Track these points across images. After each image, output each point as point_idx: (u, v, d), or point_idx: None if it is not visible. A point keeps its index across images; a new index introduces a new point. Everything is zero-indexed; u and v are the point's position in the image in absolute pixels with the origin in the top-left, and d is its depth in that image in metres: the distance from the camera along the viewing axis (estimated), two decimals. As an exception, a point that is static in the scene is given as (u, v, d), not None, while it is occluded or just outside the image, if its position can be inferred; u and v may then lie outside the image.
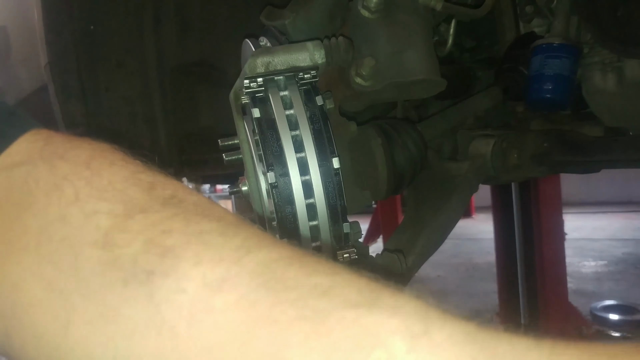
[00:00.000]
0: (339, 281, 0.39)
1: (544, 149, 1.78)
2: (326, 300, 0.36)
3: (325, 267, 0.41)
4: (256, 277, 0.38)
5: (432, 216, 1.52)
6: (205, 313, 0.37)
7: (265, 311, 0.36)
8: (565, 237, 4.86)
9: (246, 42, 1.05)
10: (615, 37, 1.47)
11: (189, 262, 0.39)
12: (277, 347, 0.35)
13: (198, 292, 0.38)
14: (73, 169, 0.47)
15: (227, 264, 0.39)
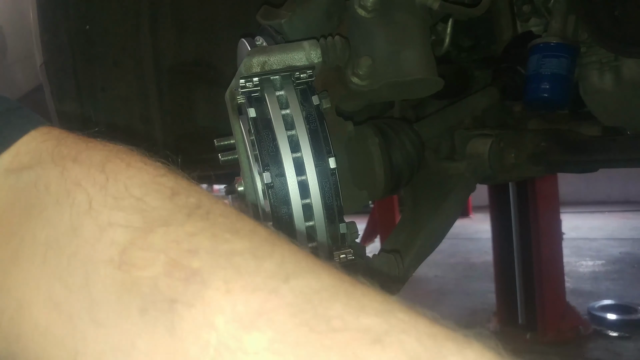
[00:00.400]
0: (394, 324, 0.34)
1: (541, 148, 1.78)
2: (379, 350, 0.31)
3: (376, 303, 0.36)
4: (296, 314, 0.32)
5: (430, 216, 1.52)
6: (235, 354, 0.31)
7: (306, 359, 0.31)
8: (562, 236, 4.87)
9: (242, 41, 1.05)
10: (613, 36, 1.47)
11: (218, 291, 0.34)
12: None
13: (228, 328, 0.32)
14: (86, 172, 0.43)
15: (263, 295, 0.33)
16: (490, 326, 4.85)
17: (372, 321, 0.33)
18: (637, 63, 1.56)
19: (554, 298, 4.54)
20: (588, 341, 4.39)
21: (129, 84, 1.72)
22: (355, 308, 0.34)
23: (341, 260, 1.02)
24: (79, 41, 1.59)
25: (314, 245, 0.99)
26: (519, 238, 4.69)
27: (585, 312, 4.84)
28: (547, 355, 4.27)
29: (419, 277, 6.44)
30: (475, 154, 1.67)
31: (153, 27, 1.72)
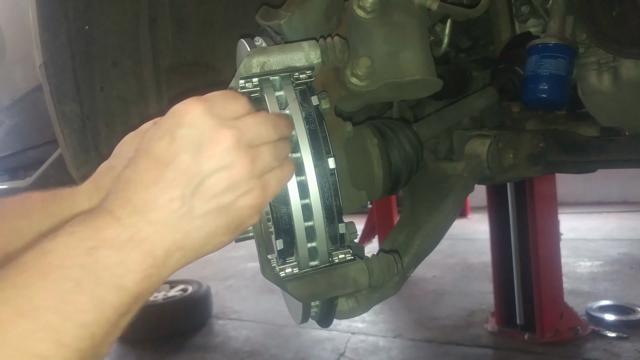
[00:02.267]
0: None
1: (539, 149, 1.78)
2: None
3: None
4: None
5: (428, 216, 1.52)
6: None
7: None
8: (560, 237, 4.87)
9: (241, 42, 1.05)
10: (611, 37, 1.47)
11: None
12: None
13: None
14: None
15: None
16: (489, 326, 4.85)
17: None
18: (635, 64, 1.57)
19: (552, 298, 4.54)
20: (586, 342, 4.40)
21: (128, 84, 1.72)
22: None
23: (340, 260, 1.03)
24: (79, 41, 1.59)
25: (313, 246, 1.00)
26: (517, 238, 4.69)
27: (583, 312, 4.85)
28: (545, 356, 4.27)
29: (418, 278, 6.45)
30: (474, 155, 1.68)
31: (152, 28, 1.72)
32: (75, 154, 1.65)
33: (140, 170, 0.72)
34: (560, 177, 3.66)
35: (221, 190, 0.73)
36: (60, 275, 0.60)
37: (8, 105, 2.67)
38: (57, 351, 0.56)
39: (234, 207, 0.75)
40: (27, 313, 0.56)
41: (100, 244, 0.65)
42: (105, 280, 0.63)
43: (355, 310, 1.32)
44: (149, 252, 0.68)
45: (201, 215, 0.72)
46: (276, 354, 4.75)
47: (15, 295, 0.57)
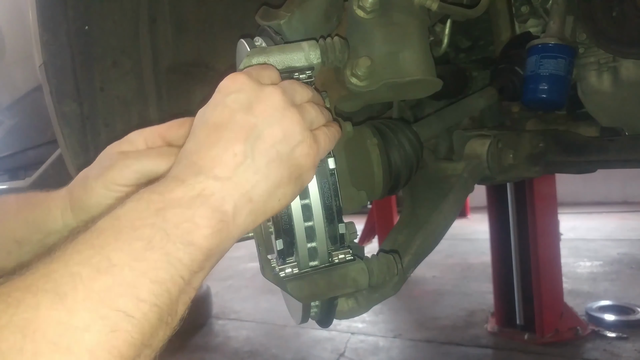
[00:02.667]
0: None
1: (539, 149, 1.78)
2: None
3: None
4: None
5: (428, 216, 1.52)
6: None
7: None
8: (560, 237, 4.88)
9: (241, 42, 1.05)
10: (611, 37, 1.48)
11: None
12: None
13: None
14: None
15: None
16: (488, 327, 4.85)
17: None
18: (635, 64, 1.57)
19: (552, 299, 4.55)
20: (586, 342, 4.40)
21: (128, 84, 1.72)
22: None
23: (340, 261, 1.03)
24: (78, 41, 1.59)
25: (313, 246, 1.00)
26: (516, 239, 4.70)
27: (583, 312, 4.85)
28: (544, 356, 4.28)
29: (417, 278, 6.45)
30: (474, 155, 1.68)
31: (152, 28, 1.72)
32: (75, 154, 1.65)
33: (200, 139, 0.76)
34: (560, 177, 3.67)
35: (278, 140, 0.77)
36: (131, 235, 0.63)
37: (8, 106, 2.67)
38: (136, 306, 0.58)
39: (292, 157, 0.79)
40: (104, 270, 0.58)
41: (167, 205, 0.67)
42: (174, 237, 0.65)
43: (355, 311, 1.32)
44: (217, 207, 0.71)
45: (264, 165, 0.76)
46: (276, 354, 4.75)
47: (93, 255, 0.59)
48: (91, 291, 0.56)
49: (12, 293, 0.54)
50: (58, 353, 0.51)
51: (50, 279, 0.56)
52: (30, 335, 0.51)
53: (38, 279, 0.56)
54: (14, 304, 0.52)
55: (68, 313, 0.54)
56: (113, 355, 0.55)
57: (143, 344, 0.59)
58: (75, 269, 0.57)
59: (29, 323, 0.51)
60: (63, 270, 0.57)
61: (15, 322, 0.51)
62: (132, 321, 0.57)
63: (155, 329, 0.61)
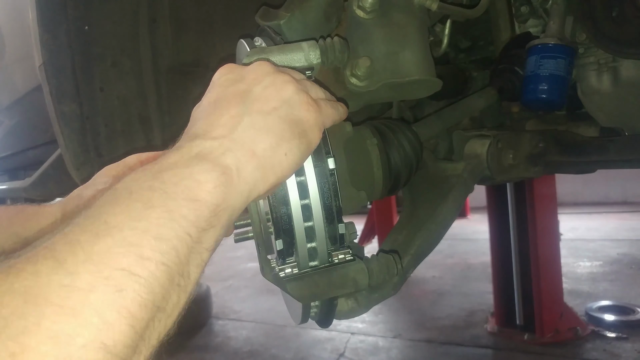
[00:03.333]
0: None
1: (539, 149, 1.78)
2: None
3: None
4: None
5: (428, 217, 1.52)
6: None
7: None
8: (560, 237, 4.87)
9: (241, 42, 1.05)
10: (611, 37, 1.48)
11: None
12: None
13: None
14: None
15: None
16: (488, 327, 4.85)
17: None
18: (635, 64, 1.57)
19: (552, 299, 4.55)
20: (586, 342, 4.40)
21: (128, 84, 1.72)
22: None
23: (340, 261, 1.03)
24: (78, 42, 1.59)
25: (313, 246, 1.00)
26: (516, 239, 4.70)
27: (582, 312, 4.85)
28: (544, 356, 4.27)
29: (417, 278, 6.45)
30: (473, 155, 1.68)
31: (151, 28, 1.72)
32: (75, 154, 1.65)
33: (195, 116, 0.79)
34: (560, 177, 3.67)
35: (273, 97, 0.79)
36: (129, 199, 0.61)
37: (8, 106, 2.67)
38: (140, 264, 0.56)
39: (291, 113, 0.80)
40: (103, 233, 0.57)
41: (165, 168, 0.66)
42: (175, 194, 0.64)
43: (355, 311, 1.32)
44: (217, 162, 0.69)
45: (262, 120, 0.76)
46: (276, 354, 4.75)
47: (91, 222, 0.58)
48: (91, 253, 0.55)
49: (14, 264, 0.53)
50: (63, 315, 0.50)
51: (49, 249, 0.55)
52: (32, 300, 0.49)
53: (39, 251, 0.55)
54: (13, 273, 0.51)
55: (69, 275, 0.52)
56: (122, 315, 0.53)
57: (155, 306, 0.57)
58: (73, 237, 0.56)
59: (30, 289, 0.50)
60: (62, 240, 0.56)
61: (16, 288, 0.50)
62: (139, 280, 0.56)
63: (166, 290, 0.59)
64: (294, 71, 0.89)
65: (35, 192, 2.18)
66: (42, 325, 0.48)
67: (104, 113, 1.69)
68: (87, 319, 0.51)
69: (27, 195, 2.28)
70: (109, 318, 0.52)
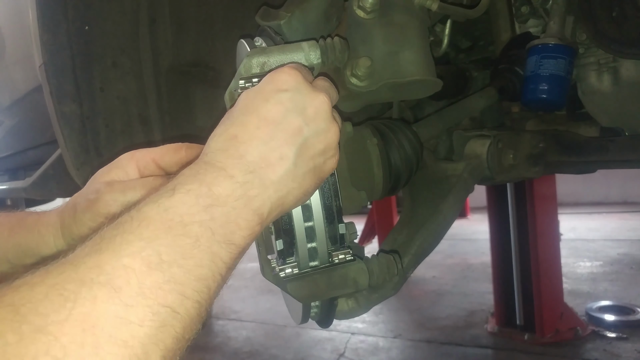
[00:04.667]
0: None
1: (539, 149, 1.78)
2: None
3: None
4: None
5: (428, 217, 1.52)
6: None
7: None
8: (560, 237, 4.87)
9: (241, 42, 1.05)
10: (611, 37, 1.48)
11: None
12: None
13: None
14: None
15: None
16: (488, 327, 4.85)
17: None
18: (635, 64, 1.57)
19: (552, 299, 4.55)
20: (586, 342, 4.40)
21: (128, 84, 1.72)
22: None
23: (340, 261, 1.03)
24: (78, 42, 1.59)
25: (313, 246, 1.00)
26: (516, 239, 4.70)
27: (583, 313, 4.85)
28: (544, 356, 4.27)
29: (417, 278, 6.45)
30: (474, 155, 1.68)
31: (152, 28, 1.72)
32: (75, 154, 1.65)
33: (250, 127, 0.77)
34: (560, 177, 3.66)
35: (319, 151, 0.80)
36: (181, 231, 0.64)
37: (8, 106, 2.67)
38: (181, 303, 0.61)
39: (323, 169, 0.83)
40: (155, 266, 0.60)
41: (215, 202, 0.69)
42: (219, 237, 0.67)
43: (355, 311, 1.32)
44: (257, 210, 0.73)
45: (301, 174, 0.79)
46: (276, 354, 4.75)
47: (143, 247, 0.61)
48: (144, 287, 0.58)
49: (66, 285, 0.55)
50: (116, 346, 0.54)
51: (103, 271, 0.57)
52: (89, 329, 0.53)
53: (90, 269, 0.57)
54: (71, 298, 0.54)
55: (124, 308, 0.56)
56: (160, 349, 0.58)
57: (183, 337, 0.61)
58: (127, 262, 0.59)
59: (88, 317, 0.53)
60: (115, 263, 0.58)
61: (75, 316, 0.53)
62: (177, 317, 0.60)
63: (194, 323, 0.63)
64: (335, 95, 0.89)
65: (35, 192, 2.18)
66: (98, 355, 0.52)
67: (104, 113, 1.69)
68: (135, 351, 0.55)
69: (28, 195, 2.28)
70: (149, 351, 0.57)
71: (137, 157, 0.98)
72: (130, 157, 0.99)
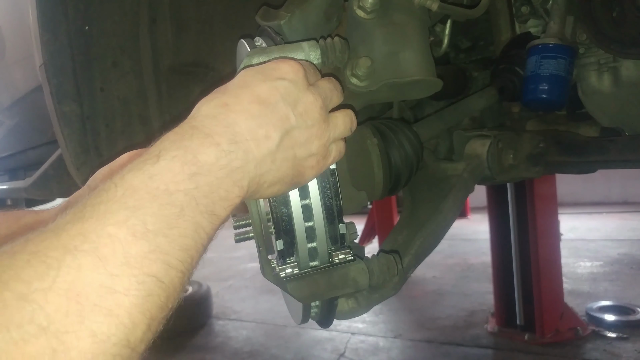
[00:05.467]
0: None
1: (539, 149, 1.78)
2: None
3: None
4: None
5: (428, 217, 1.52)
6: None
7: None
8: (560, 237, 4.87)
9: (241, 42, 1.05)
10: (611, 37, 1.47)
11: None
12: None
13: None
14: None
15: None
16: (488, 327, 4.85)
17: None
18: (635, 64, 1.57)
19: (552, 299, 4.54)
20: (586, 342, 4.40)
21: (128, 84, 1.72)
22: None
23: (340, 261, 1.03)
24: (79, 42, 1.59)
25: (314, 246, 1.00)
26: (517, 239, 4.69)
27: (583, 313, 4.85)
28: (545, 356, 4.27)
29: (417, 278, 6.45)
30: (474, 155, 1.68)
31: (152, 28, 1.72)
32: (75, 154, 1.65)
33: (243, 100, 0.78)
34: (560, 177, 3.66)
35: (299, 143, 0.81)
36: (166, 200, 0.65)
37: (8, 106, 2.67)
38: (166, 272, 0.61)
39: (302, 164, 0.84)
40: (140, 235, 0.60)
41: (199, 170, 0.69)
42: (203, 207, 0.68)
43: (355, 311, 1.32)
44: (238, 182, 0.73)
45: (281, 159, 0.80)
46: (276, 354, 4.75)
47: (129, 217, 0.61)
48: (129, 256, 0.58)
49: (49, 253, 0.55)
50: (102, 315, 0.54)
51: (87, 239, 0.57)
52: (74, 297, 0.53)
53: (73, 237, 0.57)
54: (54, 266, 0.54)
55: (109, 277, 0.56)
56: (146, 317, 0.58)
57: (167, 306, 0.62)
58: (112, 230, 0.59)
59: (72, 285, 0.53)
60: (100, 231, 0.59)
61: (59, 284, 0.53)
62: (162, 286, 0.61)
63: (177, 292, 0.64)
64: (336, 97, 0.91)
65: (35, 192, 2.18)
66: (84, 324, 0.53)
67: (105, 113, 1.69)
68: (121, 320, 0.56)
69: (28, 195, 2.28)
70: (136, 319, 0.57)
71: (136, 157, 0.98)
72: (129, 157, 0.99)
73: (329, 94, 0.88)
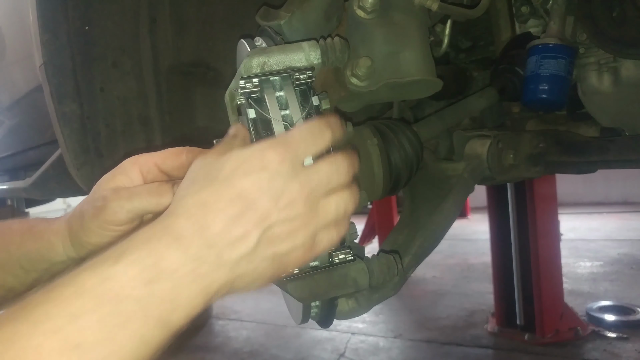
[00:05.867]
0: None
1: (539, 149, 1.78)
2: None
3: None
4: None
5: (428, 217, 1.52)
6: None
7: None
8: (560, 237, 4.87)
9: (242, 42, 1.05)
10: (611, 37, 1.47)
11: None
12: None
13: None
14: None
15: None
16: (489, 327, 4.85)
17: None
18: (636, 64, 1.57)
19: (552, 299, 4.55)
20: (586, 342, 4.40)
21: (128, 84, 1.72)
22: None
23: (340, 261, 1.03)
24: (79, 42, 1.59)
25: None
26: (517, 239, 4.70)
27: (583, 313, 4.85)
28: (545, 356, 4.27)
29: (417, 278, 6.45)
30: (474, 155, 1.68)
31: (152, 28, 1.72)
32: (75, 154, 1.65)
33: (223, 197, 0.72)
34: (560, 177, 3.66)
35: (282, 239, 0.74)
36: (112, 308, 0.62)
37: (8, 106, 2.67)
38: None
39: (284, 259, 0.77)
40: (71, 348, 0.58)
41: (158, 276, 0.66)
42: (153, 318, 0.65)
43: (355, 311, 1.32)
44: (203, 290, 0.70)
45: (259, 259, 0.74)
46: (276, 354, 4.75)
47: (65, 325, 0.59)
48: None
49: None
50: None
51: (12, 347, 0.56)
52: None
53: (1, 342, 0.56)
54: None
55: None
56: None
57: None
58: (40, 341, 0.57)
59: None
60: (26, 342, 0.57)
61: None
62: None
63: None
64: (336, 178, 0.81)
65: (35, 192, 2.18)
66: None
67: (105, 113, 1.69)
68: None
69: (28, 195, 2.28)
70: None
71: (140, 162, 0.98)
72: (133, 163, 0.98)
73: (324, 179, 0.78)
